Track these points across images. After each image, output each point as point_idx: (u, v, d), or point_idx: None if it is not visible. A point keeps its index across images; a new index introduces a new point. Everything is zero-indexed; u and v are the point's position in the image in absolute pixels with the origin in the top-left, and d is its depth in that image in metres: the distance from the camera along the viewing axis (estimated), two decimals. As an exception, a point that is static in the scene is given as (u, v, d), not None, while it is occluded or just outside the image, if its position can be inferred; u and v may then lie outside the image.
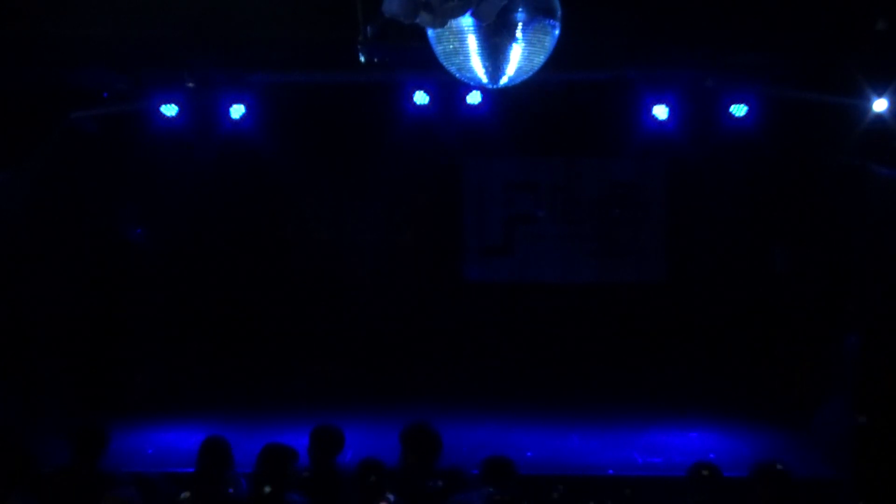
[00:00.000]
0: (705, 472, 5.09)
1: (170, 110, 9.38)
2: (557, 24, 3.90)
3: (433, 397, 9.49)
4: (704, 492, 4.96)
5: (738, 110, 9.36)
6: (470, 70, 3.91)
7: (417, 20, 3.59)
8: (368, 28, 4.28)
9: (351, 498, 5.45)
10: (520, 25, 3.79)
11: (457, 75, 4.00)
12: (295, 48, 7.72)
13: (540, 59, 3.94)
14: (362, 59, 4.81)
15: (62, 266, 9.68)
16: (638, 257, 11.30)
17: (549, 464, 7.59)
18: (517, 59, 3.87)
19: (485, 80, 3.94)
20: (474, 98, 9.48)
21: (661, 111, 9.43)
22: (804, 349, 9.55)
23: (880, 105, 8.25)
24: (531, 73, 3.98)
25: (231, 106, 9.49)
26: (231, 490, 5.63)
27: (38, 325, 9.47)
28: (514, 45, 3.83)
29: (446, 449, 5.76)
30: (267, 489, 5.24)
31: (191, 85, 9.06)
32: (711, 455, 7.72)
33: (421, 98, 9.44)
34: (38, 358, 9.37)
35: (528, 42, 3.84)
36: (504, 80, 3.96)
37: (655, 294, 11.09)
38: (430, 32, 3.87)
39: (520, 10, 3.76)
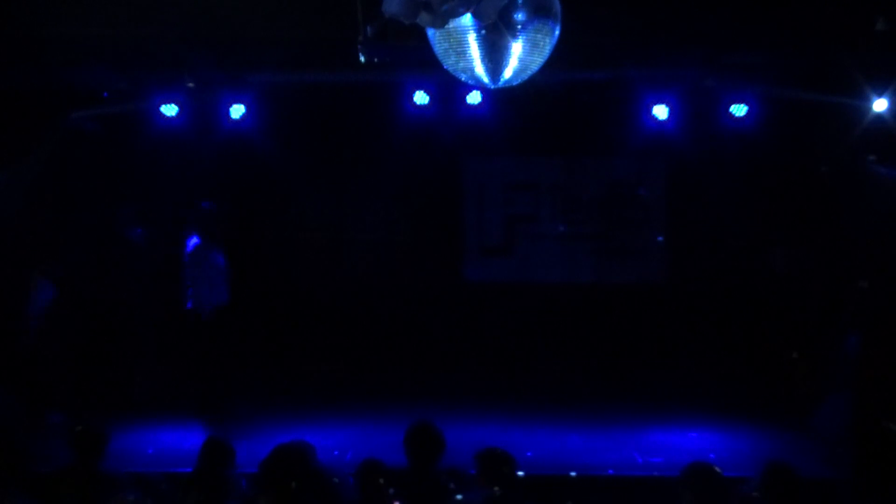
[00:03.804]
0: (698, 472, 5.06)
1: (170, 110, 9.39)
2: (557, 24, 3.91)
3: (433, 397, 9.48)
4: (698, 492, 4.94)
5: (738, 110, 9.38)
6: (470, 70, 3.92)
7: (417, 20, 3.59)
8: (368, 28, 4.28)
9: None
10: (520, 25, 3.79)
11: (457, 75, 4.00)
12: (295, 48, 7.74)
13: (540, 59, 3.94)
14: (362, 59, 4.81)
15: (62, 266, 9.68)
16: (638, 257, 11.30)
17: (549, 464, 7.59)
18: (517, 58, 3.87)
19: (485, 79, 3.94)
20: (474, 98, 9.50)
21: (661, 111, 9.45)
22: (804, 349, 9.54)
23: (880, 105, 8.27)
24: (531, 72, 3.99)
25: (231, 106, 9.51)
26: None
27: (38, 324, 9.48)
28: (513, 44, 3.83)
29: (446, 449, 5.75)
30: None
31: (191, 85, 9.08)
32: (711, 455, 7.72)
33: (421, 98, 9.46)
34: (39, 358, 9.38)
35: (528, 42, 3.85)
36: (504, 80, 3.96)
37: (655, 294, 11.08)
38: (430, 32, 3.87)
39: (520, 10, 3.76)
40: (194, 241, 9.11)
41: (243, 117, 9.56)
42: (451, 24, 3.73)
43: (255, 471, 5.16)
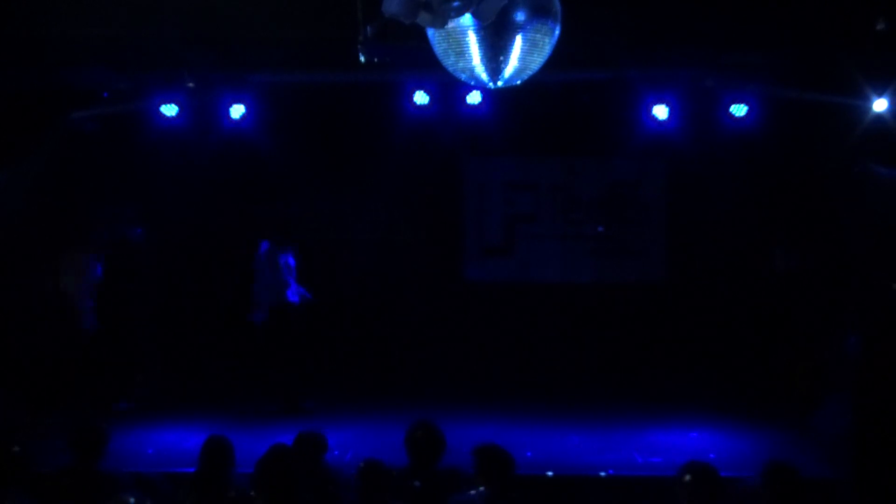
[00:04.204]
0: (688, 477, 5.03)
1: (170, 110, 9.39)
2: (557, 24, 3.91)
3: (433, 397, 9.50)
4: (694, 491, 4.92)
5: (738, 110, 9.37)
6: (470, 70, 3.92)
7: (417, 20, 3.59)
8: (368, 28, 4.28)
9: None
10: (520, 25, 3.79)
11: (457, 75, 4.00)
12: (295, 48, 7.74)
13: (540, 59, 3.94)
14: (362, 59, 4.82)
15: (107, 241, 9.75)
16: (638, 257, 11.30)
17: (549, 464, 7.58)
18: (517, 58, 3.87)
19: (485, 79, 3.94)
20: (474, 98, 9.49)
21: (661, 111, 9.44)
22: (804, 349, 9.54)
23: (880, 105, 8.26)
24: (531, 72, 3.99)
25: (231, 106, 9.50)
26: None
27: (37, 324, 9.48)
28: (513, 44, 3.83)
29: (446, 449, 5.75)
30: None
31: (191, 85, 9.09)
32: (711, 455, 7.71)
33: (421, 98, 9.45)
34: (38, 357, 9.38)
35: (528, 42, 3.85)
36: (504, 80, 3.96)
37: (655, 294, 11.09)
38: (430, 32, 3.87)
39: (520, 10, 3.76)
40: (265, 245, 9.66)
41: (243, 117, 9.56)
42: (451, 24, 3.73)
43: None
